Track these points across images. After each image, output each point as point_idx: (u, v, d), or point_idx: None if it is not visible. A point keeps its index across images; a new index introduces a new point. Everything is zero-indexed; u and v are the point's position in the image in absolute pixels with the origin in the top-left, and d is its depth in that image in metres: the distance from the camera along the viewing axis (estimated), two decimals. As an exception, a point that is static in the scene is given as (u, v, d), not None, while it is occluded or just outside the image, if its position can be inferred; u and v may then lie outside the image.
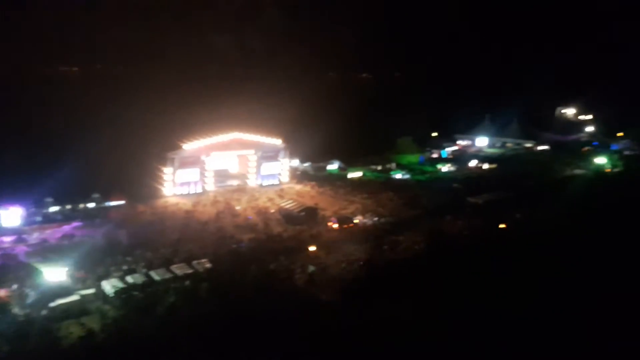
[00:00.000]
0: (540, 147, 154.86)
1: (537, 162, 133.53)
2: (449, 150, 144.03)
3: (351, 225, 77.38)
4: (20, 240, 66.00)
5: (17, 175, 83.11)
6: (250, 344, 42.05)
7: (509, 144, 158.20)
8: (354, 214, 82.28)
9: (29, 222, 72.15)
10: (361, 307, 49.67)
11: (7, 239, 65.52)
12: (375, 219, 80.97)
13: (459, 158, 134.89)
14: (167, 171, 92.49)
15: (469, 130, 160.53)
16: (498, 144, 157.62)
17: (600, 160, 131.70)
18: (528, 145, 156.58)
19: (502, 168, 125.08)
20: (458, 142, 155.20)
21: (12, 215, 70.01)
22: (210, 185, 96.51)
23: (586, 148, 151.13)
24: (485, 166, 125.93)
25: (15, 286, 53.10)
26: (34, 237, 67.42)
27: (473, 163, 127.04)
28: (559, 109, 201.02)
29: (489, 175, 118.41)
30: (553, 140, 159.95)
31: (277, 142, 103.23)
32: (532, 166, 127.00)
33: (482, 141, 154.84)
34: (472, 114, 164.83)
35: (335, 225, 76.28)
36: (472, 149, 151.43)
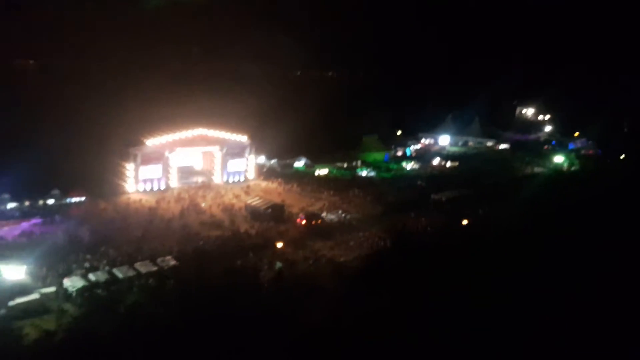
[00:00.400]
0: (501, 146, 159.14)
1: (498, 161, 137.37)
2: (413, 148, 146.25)
3: (319, 221, 77.72)
4: (-26, 237, 63.63)
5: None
6: (215, 341, 41.83)
7: (470, 143, 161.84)
8: (321, 211, 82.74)
9: (-16, 219, 69.61)
10: (329, 302, 50.13)
11: (-39, 236, 63.08)
12: (342, 215, 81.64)
13: (422, 156, 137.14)
14: (129, 167, 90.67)
15: (432, 129, 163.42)
16: (460, 143, 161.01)
17: (558, 159, 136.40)
18: (489, 144, 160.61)
19: (464, 166, 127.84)
20: (422, 141, 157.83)
21: (-35, 212, 67.39)
22: (175, 182, 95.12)
23: (546, 147, 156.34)
24: (448, 164, 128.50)
25: (-30, 285, 51.32)
26: (-10, 234, 65.08)
27: (436, 161, 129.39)
28: (519, 108, 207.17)
29: (452, 173, 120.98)
30: (513, 140, 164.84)
31: (243, 138, 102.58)
32: (493, 164, 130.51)
33: (444, 140, 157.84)
34: (435, 113, 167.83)
35: (304, 222, 76.49)
36: (436, 147, 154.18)
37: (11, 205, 76.52)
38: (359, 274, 57.79)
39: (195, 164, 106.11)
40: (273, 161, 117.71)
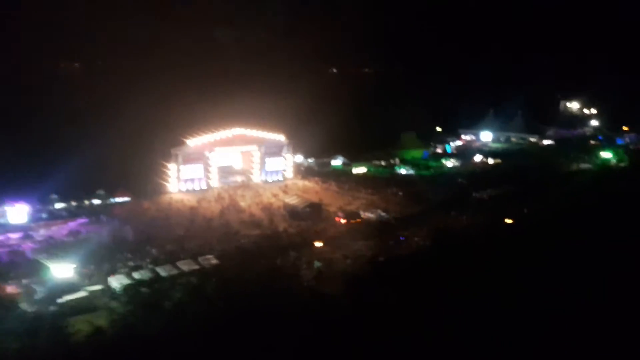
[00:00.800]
0: (545, 142, 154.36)
1: (542, 157, 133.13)
2: (453, 145, 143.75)
3: (358, 220, 77.23)
4: (27, 237, 66.24)
5: (23, 173, 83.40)
6: (256, 338, 42.13)
7: (513, 139, 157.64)
8: (359, 210, 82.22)
9: (35, 218, 72.39)
10: (366, 300, 49.73)
11: (14, 235, 65.77)
12: (382, 214, 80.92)
13: (463, 153, 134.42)
14: (171, 167, 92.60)
15: (473, 125, 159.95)
16: (502, 139, 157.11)
17: (606, 154, 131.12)
18: (532, 139, 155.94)
19: (507, 163, 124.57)
20: (462, 137, 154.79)
21: (18, 212, 70.24)
22: (215, 182, 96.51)
23: (592, 142, 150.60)
24: (490, 161, 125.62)
25: (23, 282, 53.40)
26: (40, 233, 67.68)
27: (478, 158, 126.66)
28: (563, 102, 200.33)
29: (494, 170, 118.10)
30: (558, 135, 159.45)
31: (281, 137, 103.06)
32: (537, 161, 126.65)
33: (486, 136, 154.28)
34: (476, 108, 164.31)
35: (343, 221, 76.20)
36: (477, 144, 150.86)
37: (59, 205, 79.36)
38: (398, 275, 56.91)
39: (235, 163, 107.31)
40: (310, 160, 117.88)
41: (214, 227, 74.26)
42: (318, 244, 66.40)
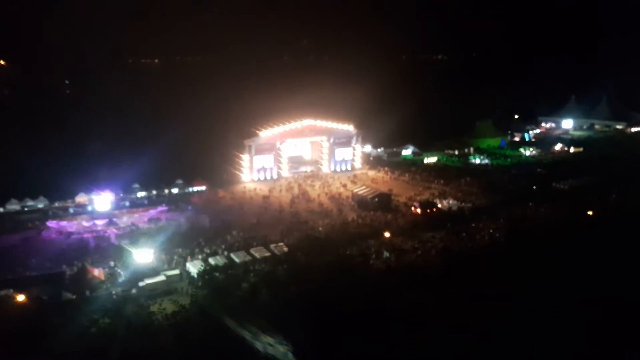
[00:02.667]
0: (633, 129, 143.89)
1: (629, 145, 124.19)
2: (532, 133, 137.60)
3: (434, 210, 75.64)
4: (111, 223, 70.44)
5: (107, 163, 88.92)
6: (327, 326, 42.52)
7: (597, 126, 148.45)
8: (431, 200, 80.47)
9: (118, 206, 76.87)
10: (436, 295, 48.67)
11: (100, 222, 70.17)
12: (455, 203, 78.84)
13: (542, 141, 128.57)
14: (244, 158, 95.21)
15: (554, 112, 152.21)
16: (585, 126, 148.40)
17: None
18: (619, 127, 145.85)
19: (589, 152, 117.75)
20: (542, 125, 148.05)
21: (103, 201, 74.79)
22: (285, 172, 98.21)
23: None
24: (572, 150, 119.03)
25: (108, 266, 57.02)
26: (124, 220, 71.68)
27: (558, 146, 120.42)
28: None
29: (576, 160, 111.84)
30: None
31: (350, 127, 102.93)
32: (623, 149, 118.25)
33: (567, 123, 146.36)
34: (556, 94, 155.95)
35: (419, 210, 74.97)
36: (557, 132, 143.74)
37: (141, 194, 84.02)
38: (470, 268, 55.20)
39: (304, 153, 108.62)
40: (380, 150, 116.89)
41: (284, 215, 75.57)
42: (387, 234, 65.71)
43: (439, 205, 77.49)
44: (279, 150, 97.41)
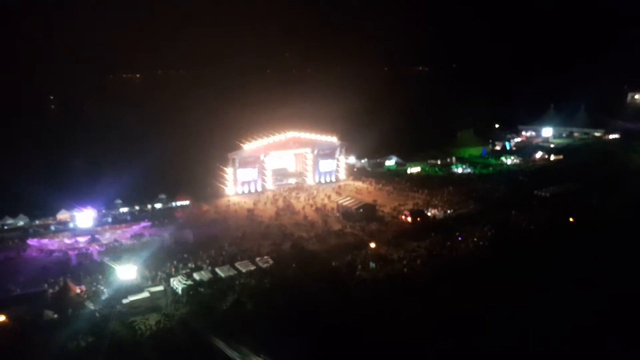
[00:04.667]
0: (610, 136, 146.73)
1: (608, 152, 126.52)
2: (513, 141, 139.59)
3: (424, 218, 76.15)
4: (93, 240, 69.45)
5: (88, 179, 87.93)
6: (313, 337, 42.28)
7: (576, 134, 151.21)
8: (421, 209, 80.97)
9: (100, 223, 75.92)
10: (423, 304, 48.76)
11: (82, 239, 69.14)
12: (440, 212, 79.44)
13: (523, 150, 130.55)
14: (228, 171, 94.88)
15: (534, 120, 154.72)
16: (565, 134, 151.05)
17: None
18: (597, 134, 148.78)
19: (569, 159, 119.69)
20: (522, 133, 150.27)
21: (85, 217, 73.86)
22: (270, 184, 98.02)
23: None
24: (552, 157, 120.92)
25: (91, 283, 56.11)
26: (106, 237, 70.73)
27: (539, 154, 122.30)
28: (630, 94, 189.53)
29: (556, 167, 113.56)
30: (624, 128, 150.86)
31: (333, 139, 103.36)
32: (603, 156, 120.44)
33: (547, 131, 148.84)
34: (535, 103, 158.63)
35: (409, 219, 75.38)
36: (537, 140, 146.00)
37: (123, 209, 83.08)
38: (456, 276, 55.48)
39: (289, 166, 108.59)
40: (363, 161, 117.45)
41: (269, 228, 75.28)
42: (372, 245, 65.83)
43: (430, 214, 78.06)
44: (263, 162, 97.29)
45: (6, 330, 46.20)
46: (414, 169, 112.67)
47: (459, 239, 67.66)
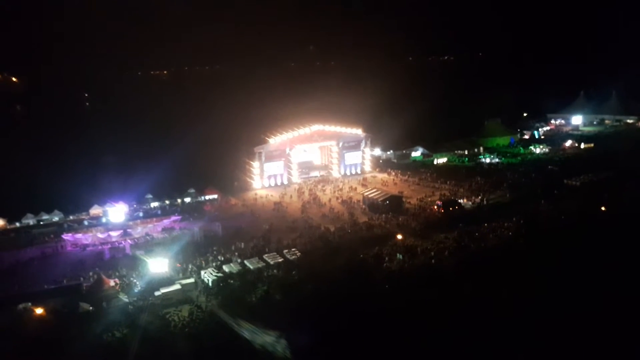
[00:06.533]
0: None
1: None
2: (541, 130, 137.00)
3: (457, 208, 75.87)
4: (125, 234, 71.11)
5: (120, 175, 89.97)
6: (342, 328, 42.67)
7: (607, 121, 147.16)
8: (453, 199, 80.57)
9: (132, 217, 77.62)
10: (449, 295, 48.56)
11: (114, 233, 70.88)
12: (468, 203, 78.84)
13: (552, 138, 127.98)
14: (255, 165, 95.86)
15: (563, 108, 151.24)
16: (595, 122, 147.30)
17: None
18: (629, 121, 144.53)
19: (600, 147, 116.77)
20: (551, 122, 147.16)
21: (117, 212, 75.64)
22: (296, 177, 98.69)
23: None
24: (582, 146, 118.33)
25: (124, 276, 57.71)
26: (138, 231, 72.32)
27: (568, 143, 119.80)
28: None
29: (587, 155, 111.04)
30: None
31: (358, 131, 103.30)
32: (635, 144, 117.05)
33: (577, 119, 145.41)
34: (565, 90, 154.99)
35: (442, 210, 75.21)
36: (567, 128, 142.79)
37: (154, 204, 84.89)
38: (484, 268, 55.00)
39: (314, 158, 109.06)
40: (389, 152, 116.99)
41: (296, 221, 75.90)
42: (399, 237, 65.80)
43: (461, 202, 77.67)
44: (289, 156, 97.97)
45: (44, 322, 48.00)
46: (441, 160, 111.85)
47: (488, 230, 67.03)
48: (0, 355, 41.79)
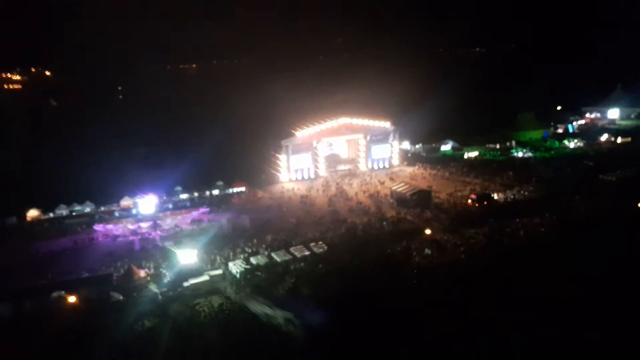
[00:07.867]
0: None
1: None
2: (576, 124, 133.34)
3: (491, 202, 74.65)
4: (155, 225, 72.18)
5: (150, 167, 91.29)
6: (367, 322, 42.30)
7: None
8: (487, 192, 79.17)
9: (161, 209, 78.75)
10: (478, 293, 47.52)
11: (144, 224, 72.00)
12: (499, 198, 77.28)
13: (587, 132, 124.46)
14: (282, 158, 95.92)
15: (598, 101, 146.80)
16: (633, 115, 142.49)
17: None
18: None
19: (638, 141, 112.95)
20: (586, 115, 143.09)
21: (147, 204, 76.73)
22: (322, 171, 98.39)
23: None
24: (619, 140, 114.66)
25: (154, 267, 58.49)
26: (167, 222, 73.32)
27: (604, 137, 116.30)
28: None
29: (623, 150, 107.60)
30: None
31: (386, 124, 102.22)
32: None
33: (614, 113, 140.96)
34: (601, 83, 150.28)
35: (476, 204, 73.99)
36: (603, 122, 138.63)
37: (183, 196, 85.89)
38: (514, 265, 53.68)
39: (341, 152, 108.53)
40: (418, 146, 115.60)
41: (323, 214, 75.65)
42: (428, 231, 64.86)
43: (495, 197, 76.18)
44: (316, 149, 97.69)
45: (77, 310, 49.01)
46: (472, 154, 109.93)
47: (519, 226, 65.50)
48: (38, 342, 42.75)
